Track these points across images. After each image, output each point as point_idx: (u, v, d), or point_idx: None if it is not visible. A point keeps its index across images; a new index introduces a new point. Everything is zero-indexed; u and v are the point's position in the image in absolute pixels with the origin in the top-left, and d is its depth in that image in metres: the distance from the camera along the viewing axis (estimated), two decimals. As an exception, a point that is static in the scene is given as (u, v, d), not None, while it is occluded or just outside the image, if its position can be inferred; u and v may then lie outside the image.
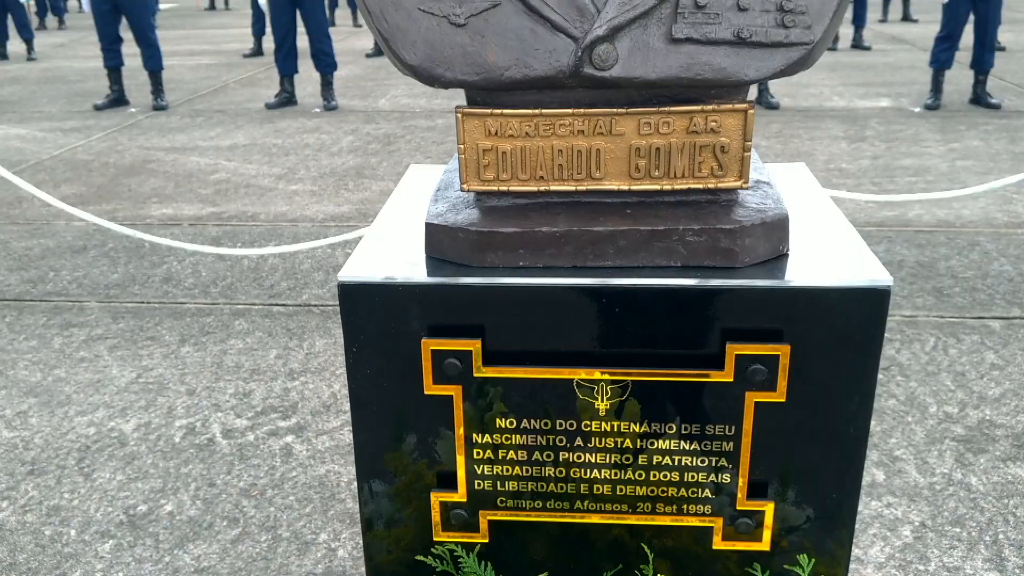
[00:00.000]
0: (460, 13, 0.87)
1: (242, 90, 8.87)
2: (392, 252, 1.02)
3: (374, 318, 0.95)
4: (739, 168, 0.91)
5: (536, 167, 0.93)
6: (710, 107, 0.89)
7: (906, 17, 13.37)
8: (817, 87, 8.22)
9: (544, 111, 0.90)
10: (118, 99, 7.98)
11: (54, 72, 10.41)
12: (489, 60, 0.86)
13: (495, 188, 0.95)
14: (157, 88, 7.91)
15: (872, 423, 2.73)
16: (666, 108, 0.89)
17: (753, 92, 0.88)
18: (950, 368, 3.07)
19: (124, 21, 7.77)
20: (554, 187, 0.94)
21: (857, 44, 10.62)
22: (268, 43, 10.07)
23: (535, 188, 0.94)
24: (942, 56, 7.26)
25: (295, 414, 2.86)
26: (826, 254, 0.99)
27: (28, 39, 11.61)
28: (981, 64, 7.26)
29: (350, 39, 12.38)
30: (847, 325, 0.91)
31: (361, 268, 0.99)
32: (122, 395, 3.01)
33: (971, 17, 7.19)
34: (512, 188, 0.95)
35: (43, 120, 7.58)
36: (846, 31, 10.75)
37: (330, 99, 7.82)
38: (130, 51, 7.98)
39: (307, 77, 8.27)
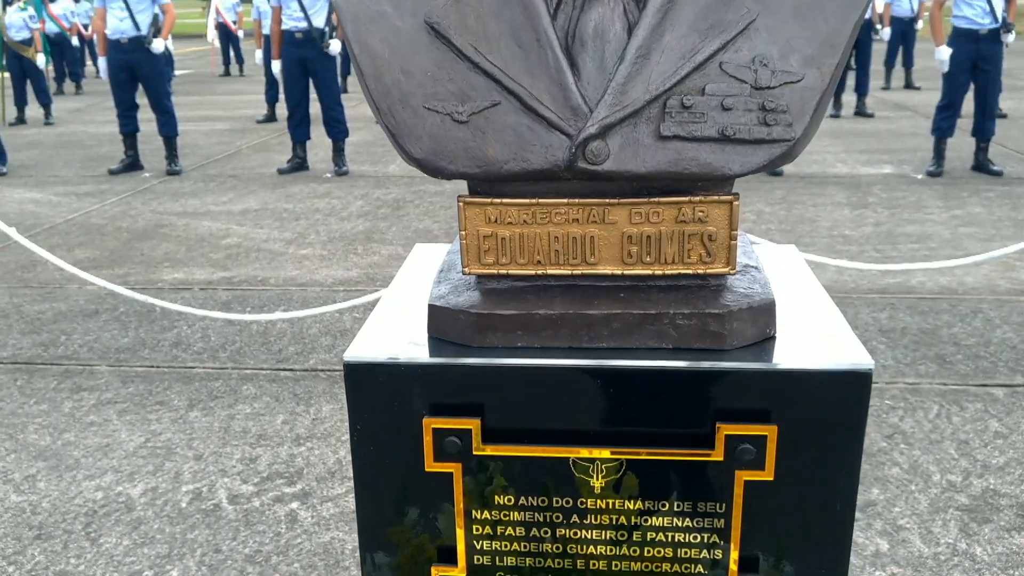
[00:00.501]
0: (463, 111, 0.92)
1: (255, 155, 9.04)
2: (397, 332, 1.07)
3: (378, 397, 0.99)
4: (726, 255, 0.96)
5: (534, 252, 0.98)
6: (697, 198, 0.94)
7: (908, 84, 13.57)
8: (820, 154, 8.33)
9: (541, 200, 0.95)
10: (133, 164, 8.14)
11: (70, 137, 10.63)
12: (489, 154, 0.92)
13: (495, 272, 1.00)
14: (171, 153, 8.07)
15: (875, 491, 2.75)
16: (656, 199, 0.94)
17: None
18: (953, 436, 3.08)
19: (140, 87, 7.96)
20: (551, 271, 0.99)
21: (860, 111, 10.78)
22: (281, 109, 10.29)
23: (533, 272, 0.99)
24: (943, 124, 7.38)
25: (300, 480, 2.87)
26: (811, 337, 1.03)
27: (46, 104, 11.87)
28: (982, 132, 7.36)
29: (361, 106, 12.60)
30: (831, 406, 0.95)
31: (366, 348, 1.04)
32: (130, 459, 3.03)
33: (972, 86, 7.33)
34: (511, 272, 0.99)
35: (58, 184, 7.73)
36: (849, 98, 10.92)
37: (341, 164, 7.96)
38: (145, 116, 8.17)
39: (319, 143, 8.42)
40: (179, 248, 5.61)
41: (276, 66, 8.03)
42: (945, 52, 7.24)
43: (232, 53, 18.71)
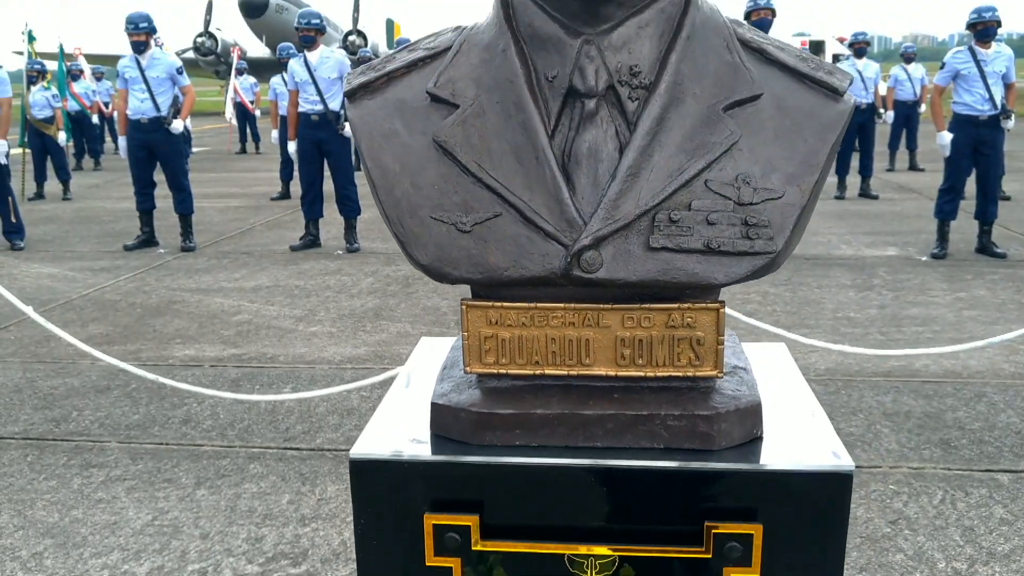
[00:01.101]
0: (467, 221, 0.99)
1: (268, 232, 9.19)
2: (401, 428, 1.12)
3: (381, 492, 1.04)
4: (714, 359, 1.01)
5: (532, 353, 1.04)
6: (686, 305, 0.99)
7: (913, 166, 13.75)
8: (825, 235, 8.42)
9: (539, 304, 1.01)
10: (148, 240, 8.29)
11: (87, 212, 10.84)
12: (490, 261, 0.98)
13: (495, 371, 1.05)
14: (186, 230, 8.22)
15: (880, 580, 2.73)
16: (647, 305, 1.00)
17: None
18: (958, 522, 3.08)
19: (158, 165, 8.16)
20: (548, 371, 1.04)
21: (864, 193, 10.92)
22: (295, 187, 10.50)
23: (531, 372, 1.04)
24: (946, 207, 7.48)
25: (305, 561, 2.88)
26: (796, 437, 1.07)
27: (65, 180, 12.14)
28: (985, 215, 7.45)
29: (373, 182, 12.84)
30: (815, 505, 0.99)
31: (371, 444, 1.08)
32: (137, 537, 3.05)
33: (973, 170, 7.45)
34: (511, 371, 1.05)
35: (75, 259, 7.86)
36: (853, 180, 11.08)
37: (352, 242, 8.09)
38: (162, 193, 8.35)
39: (331, 220, 8.57)
40: (191, 325, 5.69)
41: (292, 146, 8.23)
42: (946, 137, 7.39)
43: (249, 131, 19.13)
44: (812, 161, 0.99)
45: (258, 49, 36.03)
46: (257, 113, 19.11)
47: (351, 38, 34.78)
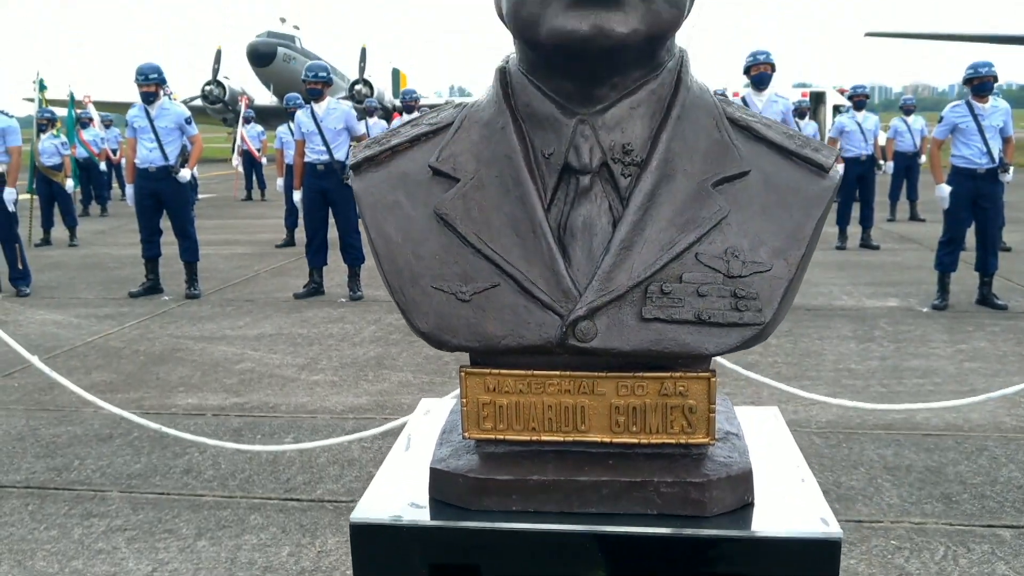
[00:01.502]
0: (466, 291, 1.03)
1: (272, 279, 9.24)
2: (400, 493, 1.14)
3: (381, 555, 1.06)
4: (706, 427, 1.04)
5: (529, 420, 1.06)
6: (678, 374, 1.02)
7: (913, 216, 13.84)
8: (826, 286, 8.46)
9: (535, 372, 1.04)
10: (153, 287, 8.34)
11: (93, 259, 10.92)
12: (489, 330, 1.01)
13: (493, 437, 1.08)
14: (191, 278, 8.28)
15: (881, 638, 2.72)
16: (640, 374, 1.03)
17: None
18: (960, 580, 3.07)
19: (164, 213, 8.24)
20: (545, 437, 1.07)
21: (865, 243, 10.97)
22: (300, 234, 10.58)
23: (528, 438, 1.07)
24: (946, 259, 7.52)
25: (304, 615, 2.87)
26: (786, 504, 1.09)
27: (72, 226, 12.25)
28: (985, 267, 7.49)
29: (377, 230, 12.92)
30: (804, 571, 1.01)
31: (371, 508, 1.11)
32: (135, 591, 3.04)
33: (973, 222, 7.50)
34: (508, 437, 1.07)
35: (80, 306, 7.91)
36: (855, 230, 11.14)
37: (356, 290, 8.14)
38: (167, 240, 8.42)
39: (335, 267, 8.63)
40: (194, 373, 5.71)
41: (297, 195, 8.32)
42: (945, 189, 7.45)
43: (255, 178, 19.31)
44: (798, 235, 1.02)
45: (265, 97, 36.51)
46: (263, 161, 19.31)
47: (357, 87, 35.26)
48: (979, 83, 7.36)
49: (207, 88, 34.03)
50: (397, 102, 36.86)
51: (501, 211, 1.03)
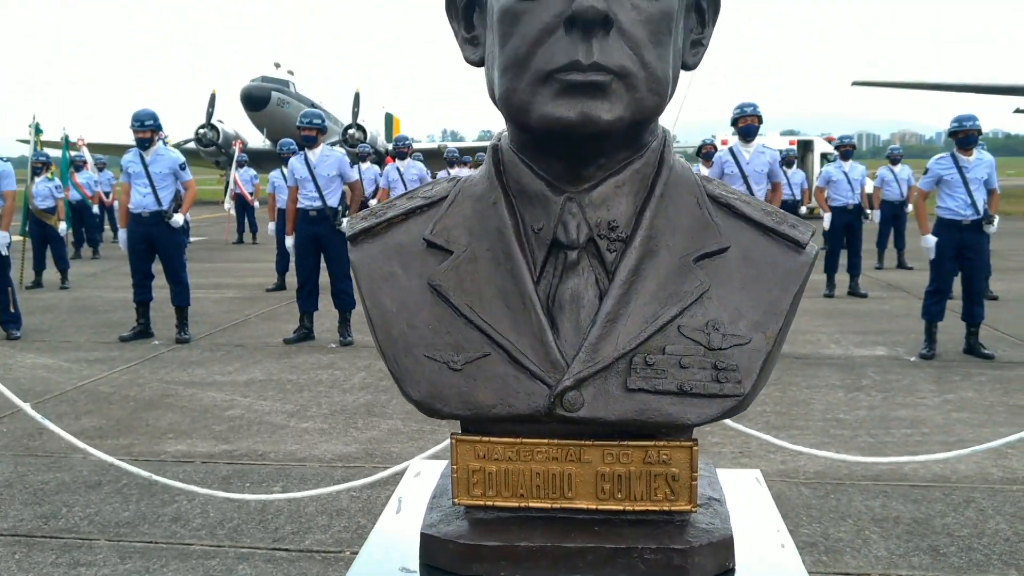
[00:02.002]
0: (457, 360, 1.06)
1: (262, 324, 9.25)
2: (391, 558, 1.17)
3: (373, 621, 1.08)
4: (688, 494, 1.07)
5: (517, 486, 1.10)
6: (662, 443, 1.06)
7: (901, 264, 13.96)
8: (815, 334, 8.52)
9: (524, 440, 1.08)
10: (143, 332, 8.34)
11: (84, 302, 10.91)
12: (479, 399, 1.05)
13: (482, 503, 1.11)
14: (182, 323, 8.29)
15: None
16: (625, 442, 1.06)
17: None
18: (947, 635, 3.07)
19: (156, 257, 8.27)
20: (533, 504, 1.10)
21: (853, 291, 11.05)
22: (291, 278, 10.60)
23: (516, 504, 1.10)
24: (933, 309, 7.59)
25: (291, 669, 2.86)
26: (766, 570, 1.13)
27: (64, 269, 12.26)
28: (972, 317, 7.56)
29: (369, 275, 12.96)
30: (783, 637, 1.04)
31: (363, 574, 1.13)
32: (121, 643, 3.03)
33: (959, 271, 7.59)
34: (497, 503, 1.10)
35: (70, 350, 7.90)
36: (843, 278, 11.23)
37: (346, 335, 8.15)
38: (158, 283, 8.43)
39: (325, 312, 8.64)
40: (184, 419, 5.70)
41: (289, 241, 8.37)
42: (931, 240, 7.55)
43: (247, 222, 19.37)
44: (776, 309, 1.07)
45: (257, 140, 36.74)
46: (256, 204, 19.39)
47: (351, 131, 35.54)
48: (964, 136, 7.49)
49: (201, 131, 34.26)
50: (390, 146, 37.20)
51: (492, 283, 1.07)
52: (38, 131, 12.46)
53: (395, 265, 1.13)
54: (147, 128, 7.95)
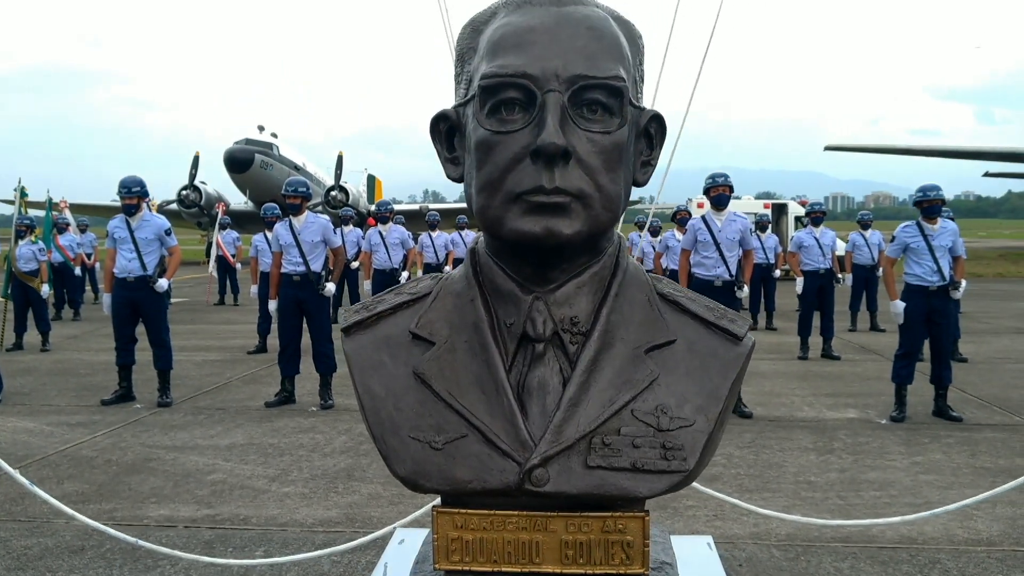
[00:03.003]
0: (438, 441, 1.21)
1: (244, 387, 9.31)
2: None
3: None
4: (641, 559, 1.21)
5: (491, 553, 1.23)
6: (618, 514, 1.20)
7: (874, 327, 14.22)
8: (788, 396, 8.68)
9: (497, 512, 1.22)
10: (125, 395, 8.39)
11: (65, 364, 10.93)
12: (457, 475, 1.19)
13: (460, 568, 1.24)
14: (164, 386, 8.34)
15: None
16: (586, 513, 1.20)
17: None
18: None
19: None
20: (505, 568, 1.23)
21: (827, 354, 11.26)
22: (272, 340, 10.68)
23: (491, 569, 1.24)
24: (903, 372, 7.79)
25: None
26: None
27: (45, 331, 12.29)
28: (940, 380, 7.76)
29: (350, 337, 13.04)
30: None
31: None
32: None
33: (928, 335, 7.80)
34: (473, 568, 1.24)
35: (51, 413, 7.93)
36: (816, 340, 11.45)
37: (327, 398, 8.23)
38: (140, 346, 8.50)
39: (306, 375, 8.72)
40: (166, 483, 5.75)
41: (273, 305, 8.49)
42: (899, 305, 7.78)
43: (228, 283, 19.45)
44: (717, 395, 1.22)
45: (238, 199, 36.98)
46: (238, 266, 19.49)
47: (333, 193, 35.90)
48: (928, 206, 7.78)
49: (183, 192, 34.49)
50: (372, 207, 37.51)
51: (469, 371, 1.22)
52: (23, 194, 12.58)
53: (384, 355, 1.28)
54: (134, 195, 8.11)
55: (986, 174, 49.13)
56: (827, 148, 45.52)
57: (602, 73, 1.14)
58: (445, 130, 1.31)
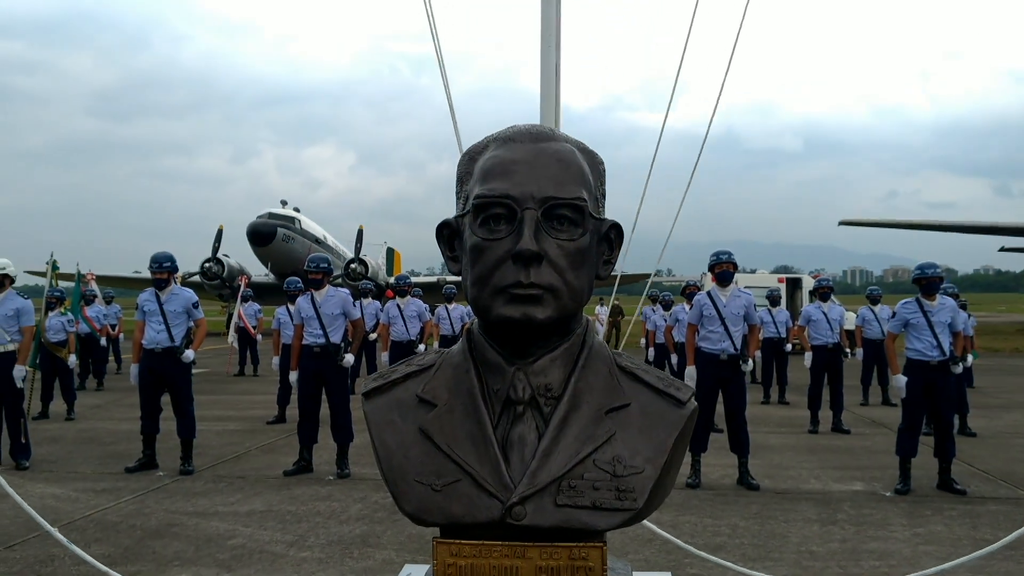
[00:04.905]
0: (438, 484, 1.49)
1: (263, 456, 9.56)
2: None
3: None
4: (601, 583, 1.48)
5: (480, 576, 1.51)
6: (581, 544, 1.48)
7: (886, 401, 14.33)
8: (796, 469, 8.83)
9: (484, 542, 1.49)
10: (149, 463, 8.65)
11: (90, 433, 11.22)
12: (453, 512, 1.47)
13: (455, 590, 1.52)
14: (187, 454, 8.61)
15: None
16: (556, 543, 1.47)
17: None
18: None
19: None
20: (491, 590, 1.51)
21: (836, 427, 11.40)
22: (291, 410, 10.96)
23: (479, 591, 1.51)
24: (906, 445, 7.96)
25: None
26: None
27: (71, 401, 12.61)
28: (944, 453, 7.91)
29: (367, 408, 13.29)
30: None
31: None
32: None
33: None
34: (465, 591, 1.51)
35: (77, 480, 8.20)
36: (826, 413, 11.59)
37: (344, 467, 8.46)
38: (163, 415, 8.79)
39: (323, 444, 8.96)
40: (188, 547, 5.99)
41: (293, 376, 8.80)
42: (901, 380, 8.00)
43: (249, 354, 19.79)
44: (663, 448, 1.50)
45: (260, 271, 37.58)
46: (259, 338, 19.87)
47: (353, 266, 36.49)
48: (926, 283, 8.05)
49: (206, 265, 35.15)
50: (391, 280, 38.04)
51: (464, 428, 1.51)
52: (55, 267, 13.05)
53: (395, 414, 1.57)
54: (164, 270, 8.52)
55: (1002, 249, 49.20)
56: (841, 223, 45.86)
57: (568, 195, 1.46)
58: (447, 235, 1.63)
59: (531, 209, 1.45)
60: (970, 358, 8.23)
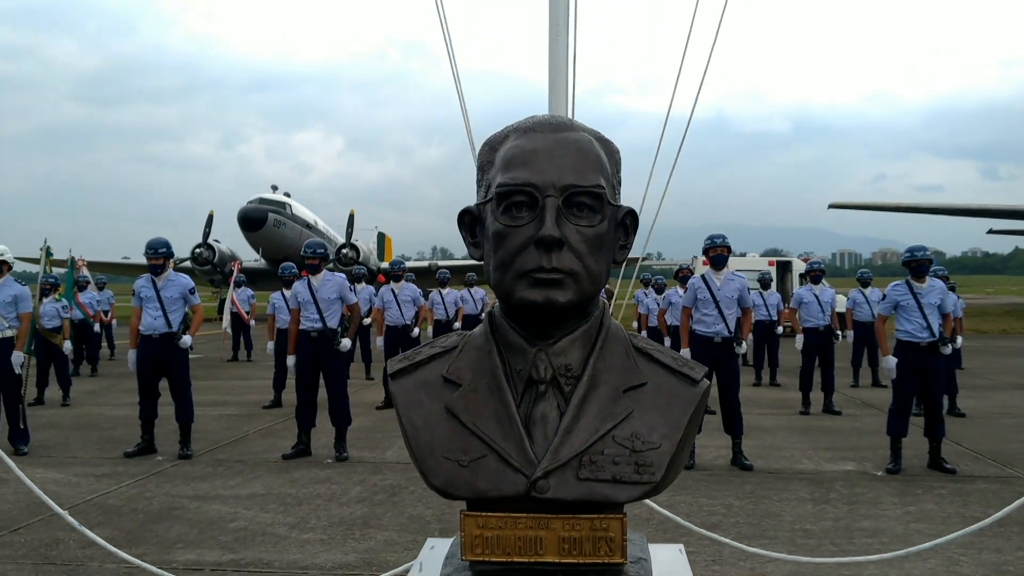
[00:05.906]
0: (465, 460, 1.56)
1: (261, 440, 9.63)
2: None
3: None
4: (621, 551, 1.55)
5: (506, 547, 1.57)
6: (602, 516, 1.55)
7: (875, 382, 14.48)
8: (789, 450, 8.95)
9: (510, 514, 1.56)
10: (148, 447, 8.71)
11: (86, 419, 11.26)
12: (479, 486, 1.54)
13: (482, 559, 1.59)
14: (185, 439, 8.67)
15: None
16: (578, 515, 1.55)
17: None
18: None
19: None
20: (516, 559, 1.57)
21: (828, 409, 11.53)
22: (287, 395, 11.02)
23: (505, 559, 1.58)
24: (896, 425, 8.08)
25: None
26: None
27: (66, 386, 12.65)
28: (933, 433, 8.04)
29: (361, 391, 13.39)
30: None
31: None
32: None
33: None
34: (492, 559, 1.58)
35: (77, 465, 8.25)
36: (817, 395, 11.73)
37: (342, 451, 8.54)
38: (161, 400, 8.84)
39: (321, 428, 9.03)
40: (191, 530, 6.06)
41: (291, 360, 8.85)
42: (891, 361, 8.11)
43: (242, 340, 19.82)
44: (678, 425, 1.57)
45: (251, 255, 37.52)
46: (252, 323, 19.89)
47: (344, 251, 36.46)
48: (916, 265, 8.15)
49: (197, 251, 35.09)
50: (383, 265, 38.00)
51: (488, 407, 1.58)
52: (48, 254, 13.02)
53: (422, 394, 1.64)
54: (160, 256, 8.55)
55: (990, 231, 49.51)
56: (831, 206, 46.04)
57: (587, 183, 1.53)
58: (469, 221, 1.69)
59: (552, 196, 1.51)
60: (959, 340, 8.33)
